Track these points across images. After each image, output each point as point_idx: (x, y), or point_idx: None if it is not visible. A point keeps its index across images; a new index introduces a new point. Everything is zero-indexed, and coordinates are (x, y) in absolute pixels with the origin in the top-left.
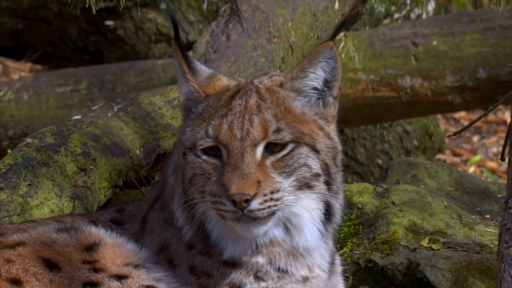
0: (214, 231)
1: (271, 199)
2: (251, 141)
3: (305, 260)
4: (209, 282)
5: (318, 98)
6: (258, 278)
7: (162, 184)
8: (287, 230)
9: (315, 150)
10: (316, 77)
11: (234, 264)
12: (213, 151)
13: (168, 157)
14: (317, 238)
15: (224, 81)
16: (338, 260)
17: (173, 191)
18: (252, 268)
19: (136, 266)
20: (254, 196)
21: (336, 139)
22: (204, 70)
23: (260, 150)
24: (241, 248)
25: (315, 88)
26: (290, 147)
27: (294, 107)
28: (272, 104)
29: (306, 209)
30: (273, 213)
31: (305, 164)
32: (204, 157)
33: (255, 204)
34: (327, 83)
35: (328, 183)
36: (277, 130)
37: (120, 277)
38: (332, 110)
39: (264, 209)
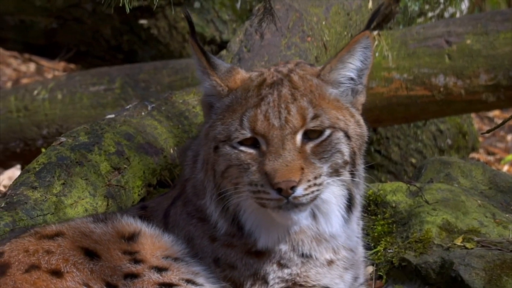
0: (248, 221)
1: (315, 184)
2: (290, 129)
3: (330, 244)
4: (233, 274)
5: (351, 87)
6: (281, 265)
7: (183, 182)
8: (314, 216)
9: (348, 136)
10: (353, 67)
11: (257, 254)
12: (249, 141)
13: (187, 154)
14: (341, 225)
15: (243, 73)
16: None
17: (203, 187)
18: (275, 256)
19: (176, 259)
20: (299, 182)
21: (365, 126)
22: (222, 64)
23: (299, 137)
24: (274, 238)
25: (350, 78)
26: (327, 132)
27: (328, 94)
28: (306, 91)
29: (334, 195)
30: (315, 198)
31: (339, 150)
32: (241, 147)
33: (300, 190)
34: (359, 71)
35: (352, 173)
36: (315, 117)
37: (160, 269)
38: (362, 98)
39: (308, 194)
